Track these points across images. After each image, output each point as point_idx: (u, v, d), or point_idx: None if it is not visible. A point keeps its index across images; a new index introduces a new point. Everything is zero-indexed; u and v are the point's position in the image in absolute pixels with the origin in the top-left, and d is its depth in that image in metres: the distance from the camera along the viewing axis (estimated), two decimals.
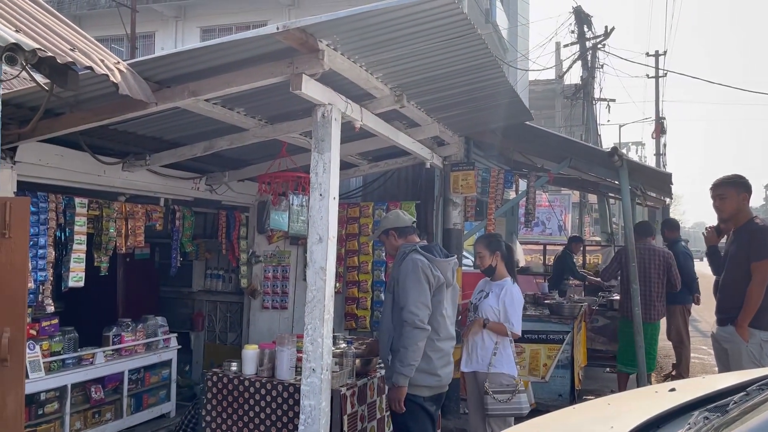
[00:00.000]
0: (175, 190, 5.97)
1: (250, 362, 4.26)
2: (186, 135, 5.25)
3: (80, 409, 5.17)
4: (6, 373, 2.98)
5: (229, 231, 6.94)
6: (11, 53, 2.82)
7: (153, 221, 5.85)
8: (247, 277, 7.07)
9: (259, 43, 3.56)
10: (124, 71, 3.38)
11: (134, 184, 5.46)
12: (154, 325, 6.05)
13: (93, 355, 5.25)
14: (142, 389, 5.84)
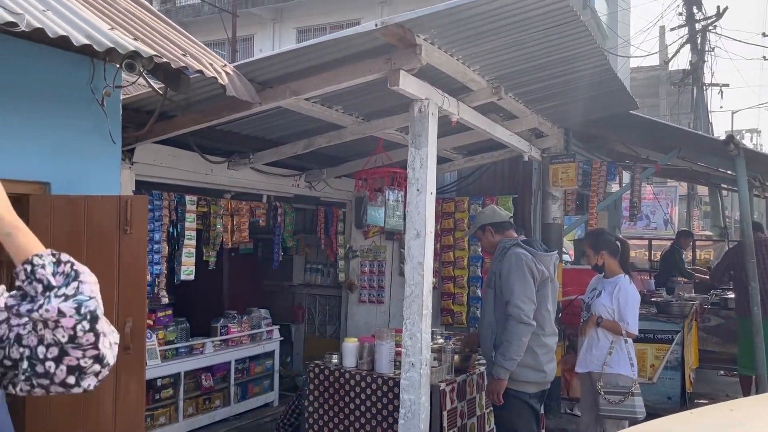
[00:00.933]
0: (276, 187, 6.17)
1: (350, 355, 4.33)
2: (287, 134, 5.42)
3: (192, 395, 5.46)
4: (129, 360, 3.21)
5: (328, 226, 7.09)
6: (130, 60, 3.01)
7: (256, 217, 6.08)
8: (345, 271, 7.21)
9: (358, 41, 3.60)
10: (231, 73, 3.52)
11: (239, 181, 5.70)
12: (258, 317, 6.29)
13: (203, 344, 5.54)
14: (248, 378, 6.09)
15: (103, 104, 3.43)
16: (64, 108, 3.29)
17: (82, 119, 3.39)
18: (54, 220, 3.17)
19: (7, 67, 3.01)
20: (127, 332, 3.16)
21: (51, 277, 1.02)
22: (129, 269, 3.23)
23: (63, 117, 3.28)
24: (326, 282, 7.79)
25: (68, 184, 3.29)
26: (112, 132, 3.51)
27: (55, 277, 1.03)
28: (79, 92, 3.36)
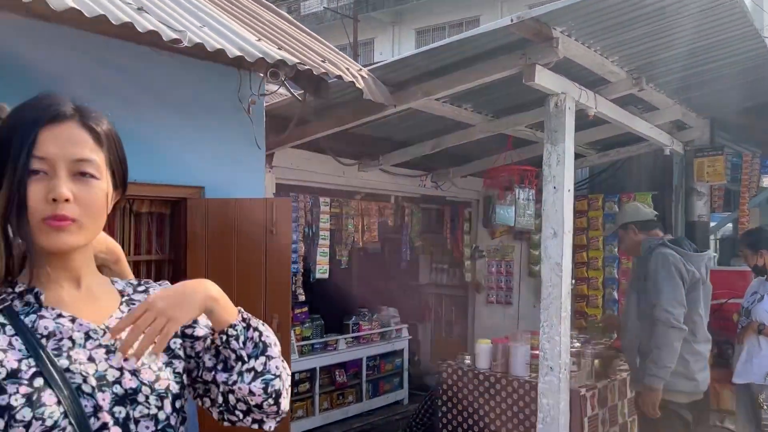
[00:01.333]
0: (403, 187, 6.24)
1: (483, 356, 4.29)
2: (415, 134, 5.46)
3: (327, 390, 5.66)
4: None
5: (454, 226, 7.08)
6: (275, 69, 3.16)
7: (384, 217, 6.19)
8: (471, 271, 7.15)
9: (490, 38, 3.55)
10: (366, 77, 3.60)
11: (368, 183, 5.82)
12: (387, 315, 6.40)
13: (336, 341, 5.71)
14: (379, 376, 6.21)
15: (249, 112, 3.63)
16: (215, 117, 3.52)
17: (231, 127, 3.60)
18: (208, 221, 3.40)
19: (165, 82, 3.27)
20: (273, 328, 3.31)
21: (242, 348, 1.11)
22: (274, 268, 3.40)
23: (214, 126, 3.51)
24: (452, 282, 7.77)
25: (220, 187, 3.52)
26: (257, 138, 3.70)
27: (245, 346, 1.12)
28: (228, 102, 3.58)
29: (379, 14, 20.91)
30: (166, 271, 3.48)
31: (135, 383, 1.06)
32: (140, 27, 2.41)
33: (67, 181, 1.01)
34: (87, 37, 2.94)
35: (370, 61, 19.95)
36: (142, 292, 1.20)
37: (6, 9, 2.60)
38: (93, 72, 2.95)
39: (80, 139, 1.04)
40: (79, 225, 1.02)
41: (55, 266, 1.06)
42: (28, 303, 1.04)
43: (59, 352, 1.01)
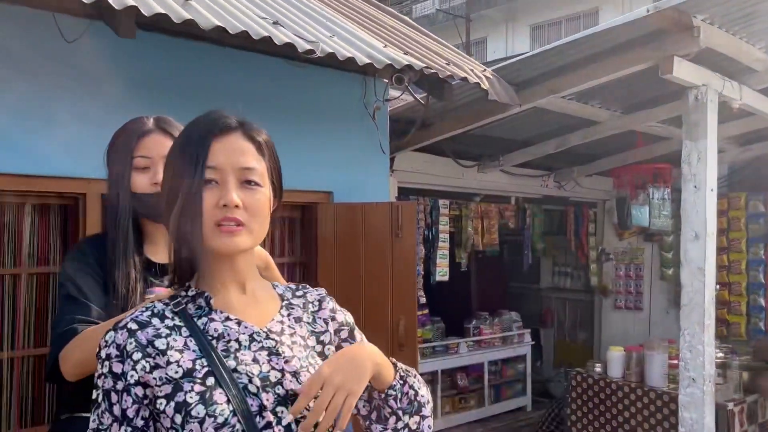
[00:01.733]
0: (524, 188, 6.10)
1: (615, 365, 4.09)
2: (537, 134, 5.31)
3: (448, 393, 5.63)
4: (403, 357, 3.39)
5: (578, 227, 6.81)
6: (400, 74, 3.19)
7: (505, 219, 6.07)
8: (597, 275, 6.85)
9: (624, 31, 3.38)
10: (491, 77, 3.55)
11: (488, 184, 5.74)
12: (508, 319, 6.27)
13: (457, 344, 5.68)
14: (501, 381, 6.10)
15: (374, 118, 3.69)
16: (342, 124, 3.61)
17: (357, 133, 3.68)
18: (337, 225, 3.49)
19: (295, 91, 3.39)
20: (401, 330, 3.35)
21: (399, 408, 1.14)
22: (400, 271, 3.43)
23: (341, 132, 3.60)
24: (576, 286, 7.48)
25: (347, 192, 3.60)
26: (382, 143, 3.76)
27: (400, 402, 1.14)
28: (353, 109, 3.66)
29: (492, 12, 20.61)
30: (298, 273, 3.62)
31: (295, 385, 1.09)
32: (277, 40, 2.52)
33: (235, 188, 1.08)
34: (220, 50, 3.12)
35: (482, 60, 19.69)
36: (300, 297, 1.24)
37: (156, 30, 2.82)
38: (231, 85, 3.12)
39: (245, 149, 1.10)
40: (248, 229, 1.08)
41: (223, 271, 1.12)
42: (199, 306, 1.11)
43: (227, 353, 1.07)
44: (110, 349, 1.04)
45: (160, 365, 1.02)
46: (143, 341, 1.03)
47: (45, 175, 2.63)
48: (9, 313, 2.70)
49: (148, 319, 1.07)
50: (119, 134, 1.69)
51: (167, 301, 1.10)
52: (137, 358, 1.02)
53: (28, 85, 2.57)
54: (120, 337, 1.04)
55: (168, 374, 1.02)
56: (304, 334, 1.18)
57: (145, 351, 1.03)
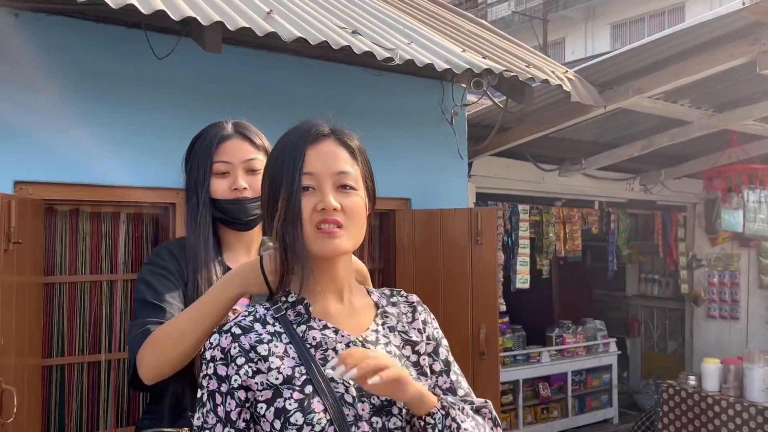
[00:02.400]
0: (608, 192, 5.89)
1: (711, 378, 3.87)
2: (621, 135, 5.12)
3: (530, 403, 5.50)
4: (484, 366, 3.34)
5: (666, 232, 6.50)
6: (478, 78, 3.15)
7: (588, 224, 5.88)
8: (688, 282, 6.51)
9: (716, 25, 3.21)
10: (573, 79, 3.45)
11: (570, 188, 5.57)
12: (592, 328, 6.06)
13: (539, 353, 5.53)
14: (585, 392, 5.90)
15: (451, 123, 3.66)
16: (419, 130, 3.61)
17: (434, 139, 3.66)
18: (415, 231, 3.48)
19: (373, 98, 3.42)
20: (482, 338, 3.30)
21: None
22: (481, 277, 3.37)
23: (419, 138, 3.59)
24: (665, 293, 7.13)
25: (425, 198, 3.59)
26: (459, 148, 3.72)
27: None
28: (431, 114, 3.64)
29: (570, 12, 20.11)
30: (377, 280, 3.63)
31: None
32: (356, 49, 2.54)
33: (332, 192, 1.10)
34: (300, 62, 3.18)
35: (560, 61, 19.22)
36: (394, 305, 1.25)
37: (239, 43, 2.91)
38: (311, 95, 3.18)
39: (339, 154, 1.13)
40: (347, 231, 1.10)
41: (323, 278, 1.14)
42: (299, 313, 1.13)
43: (324, 362, 1.09)
44: (215, 352, 1.07)
45: (262, 370, 1.05)
46: (246, 346, 1.06)
47: (138, 185, 2.75)
48: (107, 317, 2.84)
49: (251, 324, 1.10)
50: (198, 139, 1.68)
51: (268, 305, 1.14)
52: (240, 363, 1.05)
53: (122, 100, 2.71)
54: (224, 340, 1.07)
55: (269, 380, 1.05)
56: (398, 343, 1.19)
57: (248, 356, 1.06)
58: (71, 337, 2.77)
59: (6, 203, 2.12)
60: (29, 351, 2.44)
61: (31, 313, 2.46)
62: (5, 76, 2.48)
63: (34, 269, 2.48)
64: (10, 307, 2.20)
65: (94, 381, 2.81)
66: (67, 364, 2.75)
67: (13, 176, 2.48)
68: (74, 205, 2.75)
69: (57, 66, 2.58)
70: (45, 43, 2.56)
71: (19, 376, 2.29)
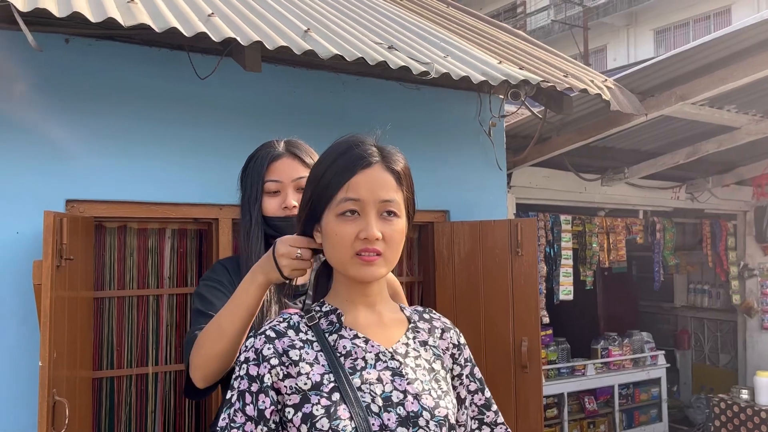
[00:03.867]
0: (653, 201, 5.77)
1: (765, 391, 3.73)
2: (666, 143, 5.02)
3: (576, 417, 5.39)
4: (527, 379, 3.30)
5: (715, 242, 6.32)
6: (516, 89, 3.14)
7: (633, 234, 5.76)
8: (740, 293, 6.30)
9: (762, 28, 3.13)
10: (612, 87, 3.40)
11: (613, 198, 5.48)
12: (639, 340, 5.92)
13: (584, 366, 5.43)
14: (633, 406, 5.76)
15: (489, 135, 3.65)
16: (456, 142, 3.61)
17: (472, 151, 3.66)
18: (454, 244, 3.47)
19: (410, 112, 3.44)
20: (524, 351, 3.25)
21: None
22: (521, 290, 3.34)
23: (457, 150, 3.59)
24: (715, 305, 6.92)
25: (463, 210, 3.58)
26: (498, 160, 3.71)
27: None
28: (468, 126, 3.64)
29: (612, 18, 19.83)
30: (417, 293, 3.63)
31: (416, 407, 1.11)
32: (392, 64, 2.57)
33: (375, 220, 1.12)
34: (337, 78, 3.23)
35: (602, 69, 18.95)
36: (426, 321, 1.27)
37: (278, 61, 2.97)
38: (349, 110, 3.22)
39: (385, 182, 1.15)
40: (384, 259, 1.14)
41: (355, 292, 1.18)
42: (331, 322, 1.17)
43: (353, 371, 1.11)
44: (249, 353, 1.10)
45: (292, 375, 1.08)
46: (279, 349, 1.10)
47: (183, 202, 2.83)
48: (153, 330, 2.92)
49: (285, 329, 1.14)
50: (251, 159, 1.76)
51: (302, 314, 1.17)
52: (274, 364, 1.09)
53: (167, 120, 2.80)
54: (258, 342, 1.11)
55: (298, 385, 1.08)
56: (429, 357, 1.20)
57: (281, 359, 1.09)
58: (120, 349, 2.86)
59: (58, 221, 2.21)
60: (81, 364, 2.52)
61: (83, 327, 2.54)
62: (57, 99, 2.59)
63: (85, 284, 2.57)
64: (63, 321, 2.28)
65: (141, 393, 2.89)
66: (116, 376, 2.83)
67: (65, 195, 2.59)
68: (122, 222, 2.84)
69: (106, 89, 2.68)
70: (94, 67, 2.67)
71: (71, 388, 2.37)
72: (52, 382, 2.17)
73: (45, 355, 2.15)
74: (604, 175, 5.35)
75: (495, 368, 3.32)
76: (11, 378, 2.43)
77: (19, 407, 2.40)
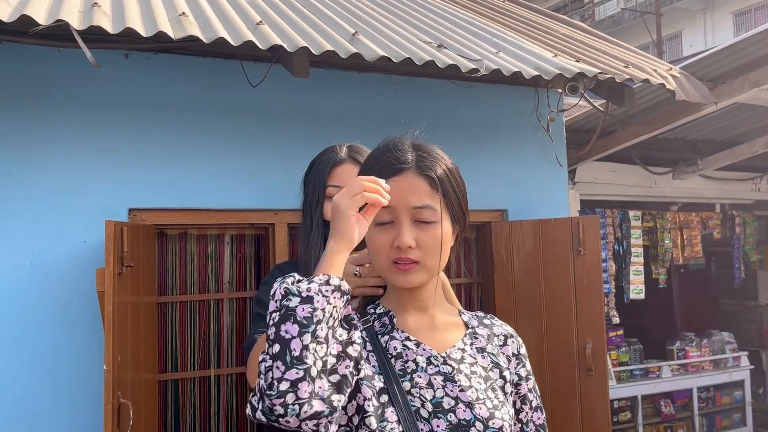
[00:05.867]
0: (730, 193, 5.46)
1: None
2: (742, 132, 4.75)
3: (652, 421, 5.16)
4: (592, 382, 3.17)
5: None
6: (573, 83, 3.03)
7: (710, 229, 5.47)
8: None
9: None
10: (678, 76, 3.24)
11: (685, 191, 5.23)
12: (719, 341, 5.61)
13: (659, 368, 5.20)
14: (714, 410, 5.46)
15: (548, 130, 3.54)
16: (514, 139, 3.52)
17: (530, 147, 3.56)
18: (512, 244, 3.39)
19: (465, 110, 3.38)
20: (588, 353, 3.14)
21: None
22: (584, 290, 3.22)
23: (514, 148, 3.51)
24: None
25: (522, 209, 3.49)
26: (558, 156, 3.59)
27: None
28: (526, 122, 3.55)
29: (687, 2, 18.96)
30: (475, 294, 3.57)
31: (469, 415, 1.08)
32: (440, 63, 2.53)
33: (409, 228, 1.11)
34: (389, 79, 3.21)
35: (678, 56, 18.14)
36: (486, 327, 1.25)
37: (327, 66, 2.99)
38: (401, 111, 3.20)
39: (418, 188, 1.12)
40: (423, 266, 1.13)
41: (405, 297, 1.19)
42: (383, 324, 1.17)
43: (404, 374, 1.10)
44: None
45: None
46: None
47: (240, 208, 2.89)
48: (215, 334, 3.00)
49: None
50: (314, 163, 1.78)
51: (357, 315, 1.16)
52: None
53: (222, 128, 2.86)
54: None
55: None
56: (486, 365, 1.17)
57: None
58: (183, 353, 2.94)
59: (119, 230, 2.30)
60: (145, 367, 2.61)
61: (146, 331, 2.64)
62: (119, 112, 2.70)
63: (147, 290, 2.66)
64: (126, 326, 2.37)
65: (204, 395, 2.97)
66: (180, 378, 2.92)
67: (127, 204, 2.69)
68: (182, 228, 2.93)
69: (164, 100, 2.77)
70: (153, 80, 2.76)
71: (136, 390, 2.46)
72: (116, 384, 2.25)
73: (109, 359, 2.24)
74: (675, 167, 5.11)
75: (558, 372, 3.22)
76: (80, 381, 2.54)
77: (88, 409, 2.51)
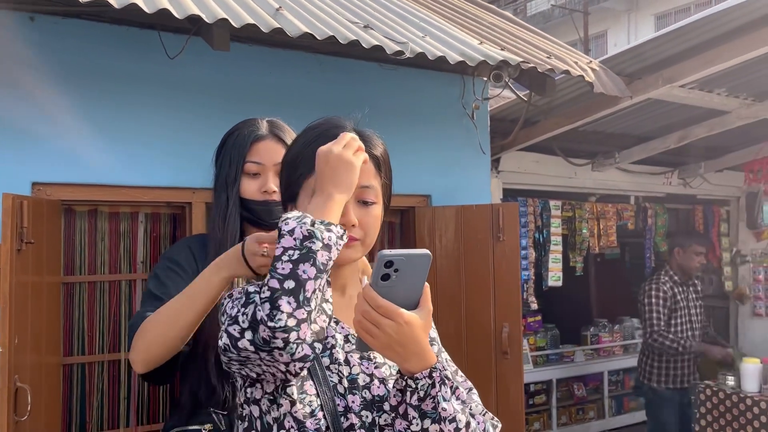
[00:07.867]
0: (644, 186, 5.70)
1: (751, 378, 3.70)
2: (656, 127, 4.94)
3: (565, 404, 5.37)
4: (507, 365, 3.26)
5: (708, 227, 6.26)
6: (498, 71, 3.07)
7: (624, 220, 5.70)
8: (732, 279, 6.25)
9: (754, 7, 3.05)
10: (597, 69, 3.33)
11: (603, 183, 5.42)
12: (630, 326, 5.88)
13: (573, 352, 5.40)
14: (622, 392, 5.73)
15: (473, 118, 3.59)
16: (439, 125, 3.54)
17: (455, 134, 3.59)
18: (435, 229, 3.42)
19: (389, 94, 3.37)
20: (504, 337, 3.22)
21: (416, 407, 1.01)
22: (503, 275, 3.29)
23: (439, 134, 3.53)
24: (708, 291, 6.84)
25: (446, 195, 3.53)
26: (482, 144, 3.65)
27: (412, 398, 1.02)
28: (451, 109, 3.58)
29: (613, 3, 19.65)
30: None
31: (382, 391, 1.10)
32: (365, 43, 2.50)
33: (354, 207, 1.12)
34: (314, 58, 3.16)
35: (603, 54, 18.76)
36: None
37: (250, 41, 2.90)
38: (324, 91, 3.15)
39: (365, 168, 1.12)
40: (361, 243, 1.15)
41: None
42: None
43: (323, 349, 1.08)
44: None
45: None
46: None
47: (155, 185, 2.78)
48: (126, 316, 2.88)
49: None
50: (230, 135, 1.67)
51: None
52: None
53: (137, 100, 2.74)
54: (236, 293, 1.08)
55: None
56: None
57: None
58: (92, 335, 2.81)
59: (18, 204, 2.16)
60: (47, 349, 2.48)
61: (49, 312, 2.50)
62: (22, 79, 2.52)
63: (51, 269, 2.52)
64: (25, 307, 2.24)
65: (114, 379, 2.85)
66: (87, 362, 2.79)
67: (30, 178, 2.53)
68: (92, 205, 2.79)
69: (73, 68, 2.62)
70: (61, 46, 2.60)
71: (36, 374, 2.33)
72: (13, 368, 2.13)
73: (5, 341, 2.11)
74: (594, 160, 5.28)
75: (475, 355, 3.29)
76: None
77: None
